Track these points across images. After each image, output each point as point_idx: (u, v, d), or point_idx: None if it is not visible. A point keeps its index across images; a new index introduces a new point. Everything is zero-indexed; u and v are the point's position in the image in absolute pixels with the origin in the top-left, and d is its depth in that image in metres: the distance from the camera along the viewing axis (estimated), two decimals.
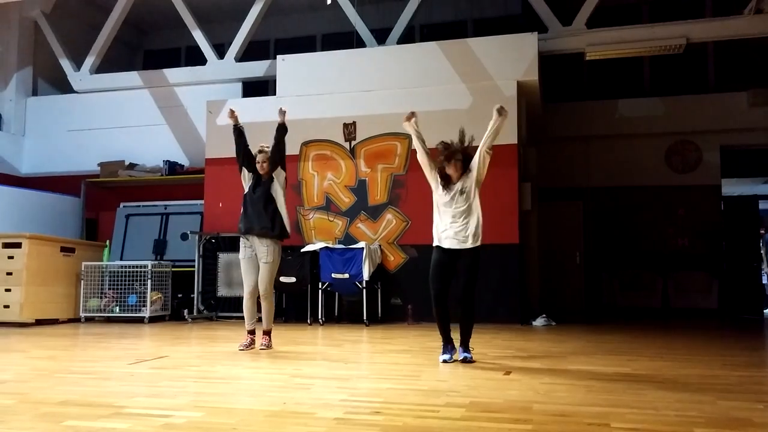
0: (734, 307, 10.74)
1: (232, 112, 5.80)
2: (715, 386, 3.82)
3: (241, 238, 5.68)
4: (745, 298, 11.05)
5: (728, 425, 2.85)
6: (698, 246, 10.98)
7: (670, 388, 3.72)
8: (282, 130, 5.73)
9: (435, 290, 4.84)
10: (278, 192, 5.64)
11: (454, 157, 4.78)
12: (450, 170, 4.82)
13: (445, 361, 4.72)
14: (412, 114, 5.11)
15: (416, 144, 5.08)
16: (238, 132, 5.75)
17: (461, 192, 4.82)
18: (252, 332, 5.59)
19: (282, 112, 5.75)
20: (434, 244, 4.92)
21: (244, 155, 5.72)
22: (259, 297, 5.59)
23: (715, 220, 11.06)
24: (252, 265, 5.59)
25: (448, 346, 4.84)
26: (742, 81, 10.94)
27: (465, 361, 4.71)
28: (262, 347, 5.54)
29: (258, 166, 5.65)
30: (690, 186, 11.03)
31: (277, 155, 5.66)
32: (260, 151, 5.69)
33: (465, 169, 4.85)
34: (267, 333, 5.65)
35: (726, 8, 9.78)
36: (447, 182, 4.86)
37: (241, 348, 5.48)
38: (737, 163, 11.64)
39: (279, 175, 5.68)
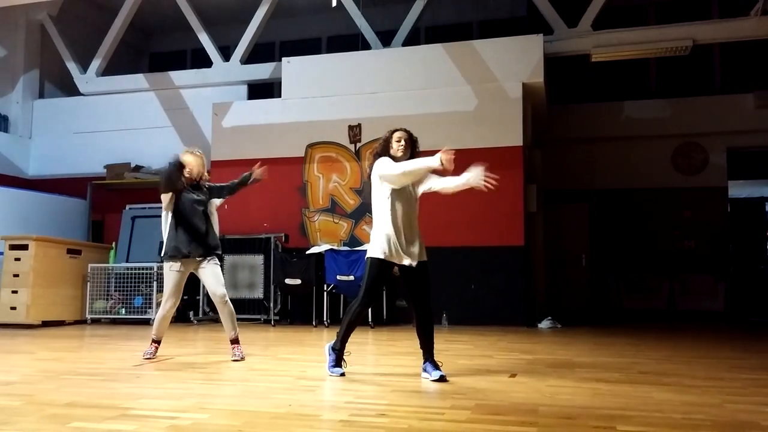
0: (741, 310, 10.69)
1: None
2: (722, 389, 3.81)
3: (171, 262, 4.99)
4: (751, 300, 11.01)
5: (735, 428, 2.84)
6: (705, 248, 10.93)
7: (676, 391, 3.71)
8: (246, 183, 5.20)
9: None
10: (214, 213, 5.22)
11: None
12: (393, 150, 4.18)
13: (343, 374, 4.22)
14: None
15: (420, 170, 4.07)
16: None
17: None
18: (159, 342, 5.13)
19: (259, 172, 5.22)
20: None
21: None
22: (215, 306, 5.06)
23: (721, 222, 11.02)
24: (184, 282, 5.05)
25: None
26: (748, 82, 10.90)
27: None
28: (237, 358, 4.96)
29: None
30: (696, 188, 10.99)
31: (226, 191, 5.20)
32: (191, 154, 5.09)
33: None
34: (236, 341, 5.08)
35: (732, 10, 9.77)
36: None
37: (149, 357, 4.98)
38: (744, 165, 11.60)
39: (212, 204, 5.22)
